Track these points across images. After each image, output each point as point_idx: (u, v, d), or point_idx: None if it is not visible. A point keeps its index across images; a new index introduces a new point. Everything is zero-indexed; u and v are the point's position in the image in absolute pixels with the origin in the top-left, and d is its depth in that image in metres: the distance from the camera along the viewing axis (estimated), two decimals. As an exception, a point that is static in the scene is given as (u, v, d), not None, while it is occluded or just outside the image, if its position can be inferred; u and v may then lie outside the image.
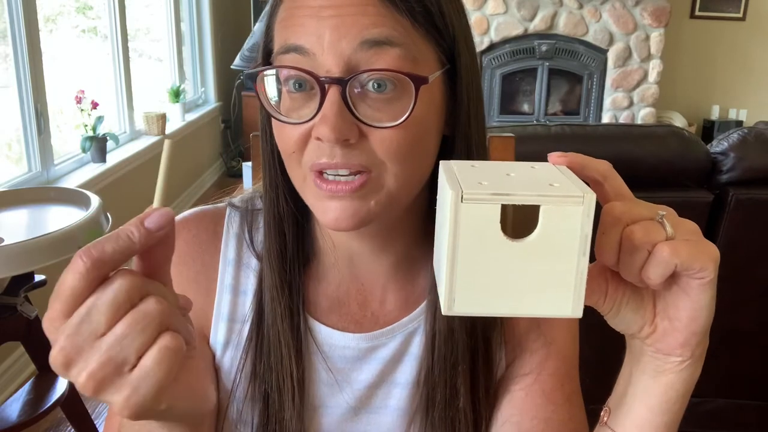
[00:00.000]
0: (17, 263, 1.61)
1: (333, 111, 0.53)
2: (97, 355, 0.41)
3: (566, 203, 0.41)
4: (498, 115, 5.40)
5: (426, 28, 0.57)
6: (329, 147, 0.55)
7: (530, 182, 0.44)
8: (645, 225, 0.45)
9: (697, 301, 0.47)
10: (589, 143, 1.85)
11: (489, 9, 5.12)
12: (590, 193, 0.41)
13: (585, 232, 0.42)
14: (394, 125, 0.55)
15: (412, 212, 0.66)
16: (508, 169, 0.46)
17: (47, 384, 1.94)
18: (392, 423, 0.69)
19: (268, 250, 0.67)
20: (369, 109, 0.55)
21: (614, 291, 0.49)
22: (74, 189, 2.08)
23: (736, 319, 2.02)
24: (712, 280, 0.46)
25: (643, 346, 0.50)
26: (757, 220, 1.89)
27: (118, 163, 3.48)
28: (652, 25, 5.15)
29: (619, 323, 0.50)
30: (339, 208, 0.57)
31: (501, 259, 0.42)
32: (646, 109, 5.35)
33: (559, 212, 0.41)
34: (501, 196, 0.41)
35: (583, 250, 0.42)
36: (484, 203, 0.41)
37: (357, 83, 0.55)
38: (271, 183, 0.66)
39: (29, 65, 2.78)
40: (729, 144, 1.89)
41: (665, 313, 0.48)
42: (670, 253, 0.44)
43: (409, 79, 0.54)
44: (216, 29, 5.44)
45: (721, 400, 2.14)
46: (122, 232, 0.42)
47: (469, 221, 0.41)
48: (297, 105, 0.57)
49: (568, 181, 0.44)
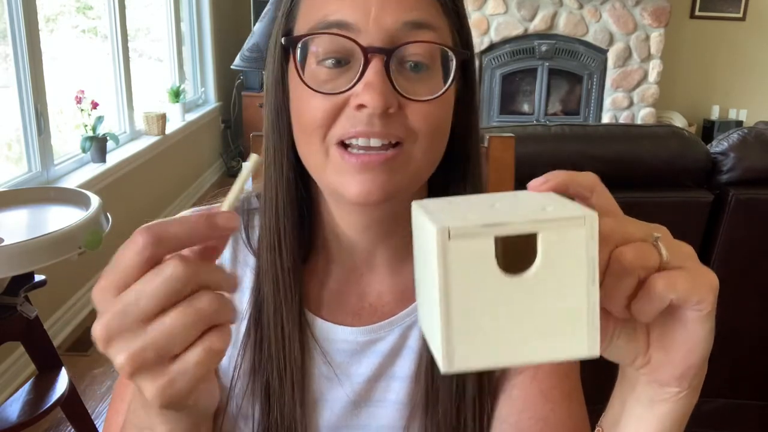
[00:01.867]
0: (17, 263, 1.61)
1: (379, 79, 0.55)
2: (141, 340, 0.40)
3: (567, 227, 0.37)
4: (498, 115, 5.39)
5: (450, 16, 0.60)
6: (368, 116, 0.56)
7: (520, 209, 0.39)
8: (637, 247, 0.41)
9: (695, 333, 0.44)
10: (589, 143, 1.85)
11: (489, 9, 5.12)
12: (591, 213, 0.37)
13: (591, 256, 0.37)
14: (432, 98, 0.57)
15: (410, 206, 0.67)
16: (491, 200, 0.41)
17: (47, 384, 1.94)
18: (392, 417, 0.69)
19: (267, 241, 0.67)
20: (406, 82, 0.57)
21: (605, 322, 0.44)
22: (74, 189, 2.08)
23: (736, 319, 2.02)
24: (710, 312, 0.43)
25: (637, 375, 0.47)
26: (757, 220, 1.89)
27: (118, 163, 3.48)
28: (652, 25, 5.15)
29: (611, 354, 0.47)
30: (368, 180, 0.57)
31: (501, 300, 0.37)
32: (646, 109, 5.35)
33: (560, 238, 0.37)
34: (493, 226, 0.36)
35: (592, 277, 0.37)
36: (475, 238, 0.36)
37: (396, 59, 0.57)
38: (287, 166, 0.65)
39: (29, 65, 2.78)
40: (729, 144, 1.89)
41: (660, 344, 0.45)
42: (665, 287, 0.41)
43: (452, 53, 0.58)
44: (216, 29, 5.44)
45: (721, 400, 2.14)
46: (188, 219, 0.41)
47: (460, 261, 0.36)
48: (330, 78, 0.58)
49: (561, 202, 0.40)
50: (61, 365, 2.00)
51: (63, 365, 2.01)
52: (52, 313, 2.80)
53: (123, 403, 0.66)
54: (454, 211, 0.39)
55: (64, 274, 2.72)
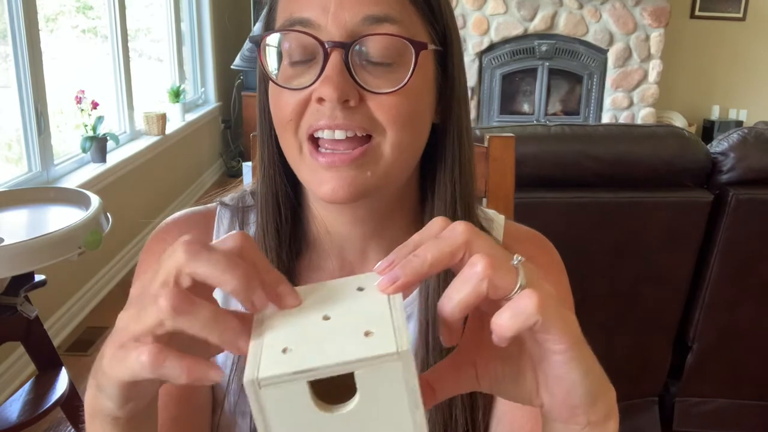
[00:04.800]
0: (17, 263, 1.62)
1: (335, 71, 0.56)
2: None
3: (381, 363, 0.36)
4: (498, 115, 5.39)
5: (421, 7, 0.60)
6: (330, 108, 0.57)
7: (344, 332, 0.38)
8: (492, 259, 0.39)
9: (567, 377, 0.41)
10: (589, 143, 1.85)
11: (489, 9, 5.12)
12: (405, 346, 0.36)
13: (411, 387, 0.37)
14: (393, 90, 0.57)
15: (403, 201, 0.68)
16: (330, 303, 0.41)
17: (47, 384, 1.94)
18: None
19: (263, 230, 0.67)
20: (369, 76, 0.58)
21: (484, 367, 0.45)
22: (74, 189, 2.08)
23: (735, 319, 2.03)
24: (574, 357, 0.41)
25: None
26: (757, 220, 1.90)
27: (118, 163, 3.48)
28: (652, 25, 5.15)
29: (505, 396, 0.46)
30: (336, 178, 0.58)
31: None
32: (646, 109, 5.35)
33: (376, 374, 0.36)
34: (305, 372, 0.36)
35: (414, 404, 0.37)
36: (287, 383, 0.36)
37: (358, 53, 0.57)
38: (270, 160, 0.67)
39: (29, 65, 2.78)
40: (729, 144, 1.89)
41: (544, 386, 0.44)
42: (537, 306, 0.38)
43: (409, 44, 0.57)
44: (216, 29, 5.44)
45: (721, 400, 2.14)
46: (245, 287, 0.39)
47: (275, 404, 0.36)
48: (297, 74, 0.59)
49: (388, 321, 0.38)
50: (61, 365, 2.00)
51: (63, 365, 2.01)
52: (52, 313, 2.80)
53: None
54: (280, 338, 0.38)
55: (64, 274, 2.72)
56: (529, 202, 1.80)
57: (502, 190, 1.03)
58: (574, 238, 1.87)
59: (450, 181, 0.66)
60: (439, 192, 0.66)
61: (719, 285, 1.96)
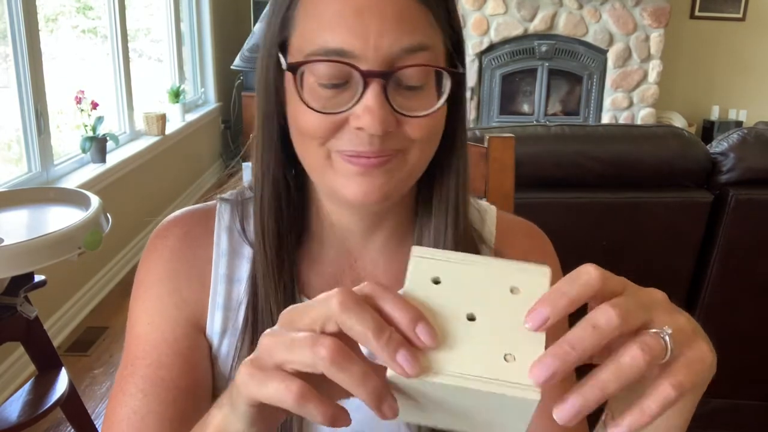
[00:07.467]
0: (17, 263, 1.62)
1: (377, 103, 0.57)
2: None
3: (513, 401, 0.39)
4: (498, 115, 5.39)
5: (445, 30, 0.62)
6: (368, 137, 0.58)
7: (484, 346, 0.40)
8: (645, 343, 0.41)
9: (668, 422, 0.47)
10: (589, 143, 1.85)
11: (489, 9, 5.13)
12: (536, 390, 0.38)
13: (529, 419, 0.40)
14: (428, 113, 0.60)
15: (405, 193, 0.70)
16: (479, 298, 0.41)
17: (47, 384, 1.94)
18: None
19: (261, 225, 0.68)
20: (403, 100, 0.59)
21: None
22: (74, 189, 2.08)
23: (736, 319, 2.02)
24: (686, 406, 0.46)
25: None
26: (757, 220, 1.89)
27: (118, 163, 3.48)
28: (652, 25, 5.15)
29: None
30: (367, 183, 0.61)
31: None
32: (646, 110, 5.35)
33: (502, 400, 0.39)
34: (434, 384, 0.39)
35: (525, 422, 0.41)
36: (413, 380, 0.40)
37: (393, 80, 0.59)
38: (270, 159, 0.67)
39: (29, 65, 2.78)
40: (729, 144, 1.89)
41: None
42: (675, 392, 0.42)
43: (448, 74, 0.60)
44: (216, 29, 5.44)
45: (720, 400, 2.14)
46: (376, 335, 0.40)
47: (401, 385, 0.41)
48: (328, 96, 0.60)
49: (530, 347, 0.40)
50: (61, 365, 2.00)
51: (63, 365, 2.01)
52: (52, 313, 2.80)
53: (125, 397, 0.66)
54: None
55: (64, 274, 2.72)
56: (529, 203, 1.80)
57: (502, 190, 1.03)
58: (574, 238, 1.87)
59: (446, 175, 0.68)
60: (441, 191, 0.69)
61: (719, 285, 1.95)
